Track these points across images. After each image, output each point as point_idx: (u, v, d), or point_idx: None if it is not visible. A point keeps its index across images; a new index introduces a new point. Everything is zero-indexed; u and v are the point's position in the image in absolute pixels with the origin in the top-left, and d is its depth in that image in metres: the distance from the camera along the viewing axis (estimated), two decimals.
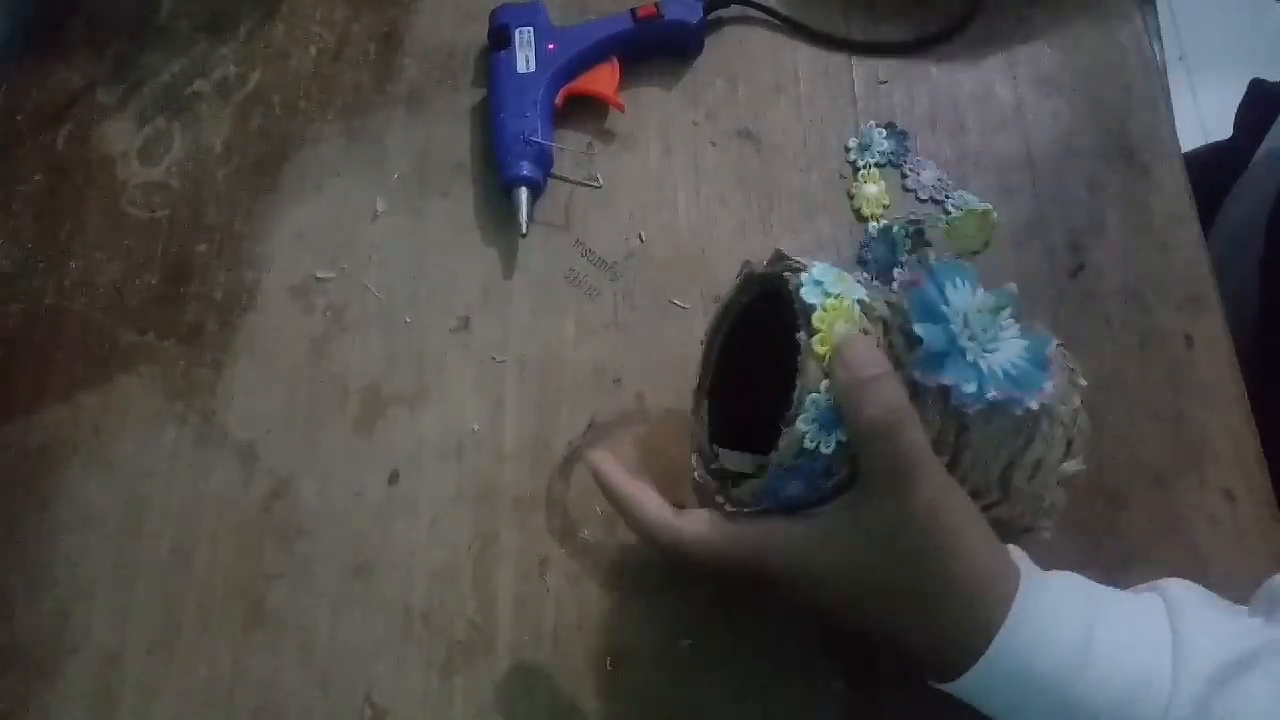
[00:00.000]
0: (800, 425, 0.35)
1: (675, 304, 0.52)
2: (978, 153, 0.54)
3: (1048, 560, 0.44)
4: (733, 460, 0.41)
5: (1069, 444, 0.39)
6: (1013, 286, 0.38)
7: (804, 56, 0.58)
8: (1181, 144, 0.54)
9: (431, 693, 0.45)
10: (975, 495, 0.37)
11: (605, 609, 0.46)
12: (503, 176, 0.54)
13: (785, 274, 0.37)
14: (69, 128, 0.60)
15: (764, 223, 0.54)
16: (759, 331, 0.40)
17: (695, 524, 0.37)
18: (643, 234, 0.54)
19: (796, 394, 0.35)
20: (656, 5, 0.56)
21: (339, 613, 0.47)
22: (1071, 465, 0.39)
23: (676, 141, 0.56)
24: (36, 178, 0.59)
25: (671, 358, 0.50)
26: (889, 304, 0.38)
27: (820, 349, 0.35)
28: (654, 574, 0.46)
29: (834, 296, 0.36)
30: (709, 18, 0.58)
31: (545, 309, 0.53)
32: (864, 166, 0.54)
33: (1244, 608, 0.39)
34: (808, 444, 0.35)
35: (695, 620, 0.45)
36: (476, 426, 0.50)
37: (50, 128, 0.60)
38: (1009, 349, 0.36)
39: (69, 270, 0.56)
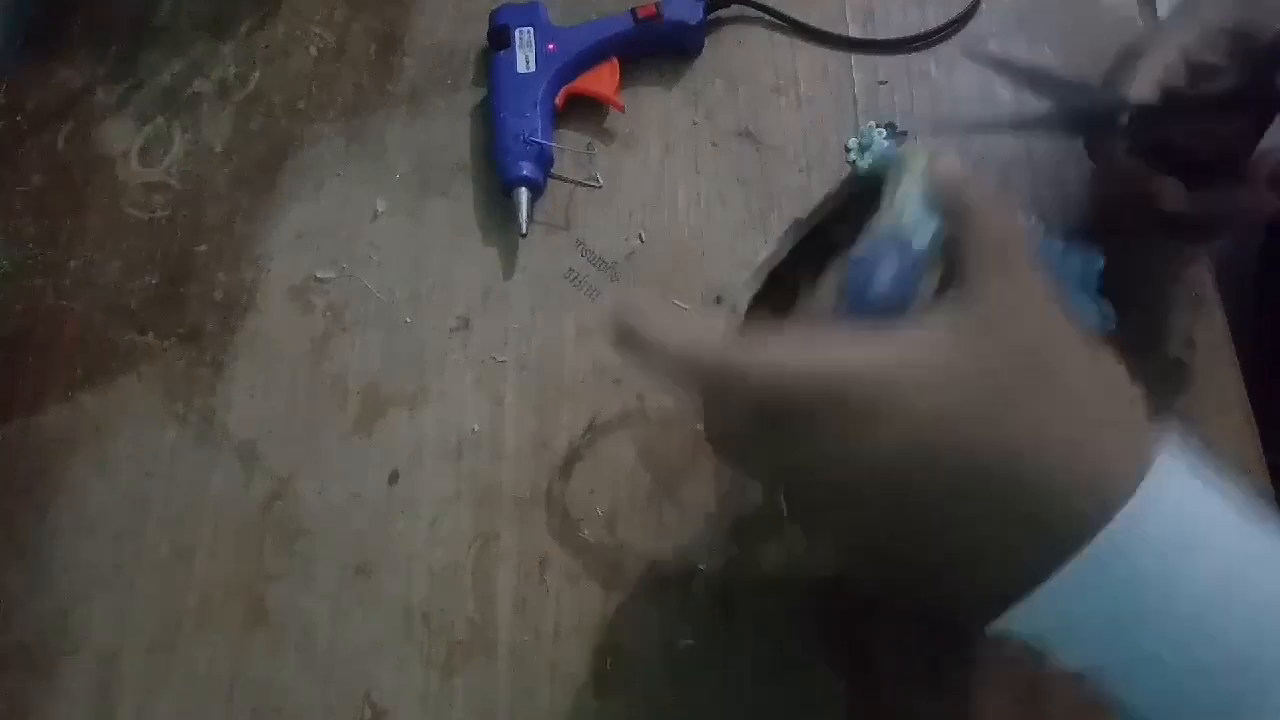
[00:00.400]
0: (897, 197, 0.31)
1: (675, 304, 0.52)
2: (978, 153, 0.54)
3: None
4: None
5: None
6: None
7: (804, 56, 0.58)
8: None
9: (431, 693, 0.45)
10: None
11: (605, 609, 0.46)
12: (503, 176, 0.54)
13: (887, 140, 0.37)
14: (69, 128, 0.60)
15: (764, 223, 0.54)
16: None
17: (770, 350, 0.28)
18: (643, 234, 0.54)
19: (884, 198, 0.31)
20: (656, 5, 0.56)
21: (339, 613, 0.47)
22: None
23: (676, 141, 0.56)
24: (36, 178, 0.59)
25: None
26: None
27: (917, 159, 0.32)
28: (654, 574, 0.46)
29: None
30: (709, 18, 0.58)
31: (545, 309, 0.53)
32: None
33: None
34: (904, 219, 0.30)
35: (695, 620, 0.45)
36: (476, 426, 0.50)
37: (50, 128, 0.60)
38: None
39: (69, 270, 0.56)
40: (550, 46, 0.56)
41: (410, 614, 0.47)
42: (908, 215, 0.30)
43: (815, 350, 0.28)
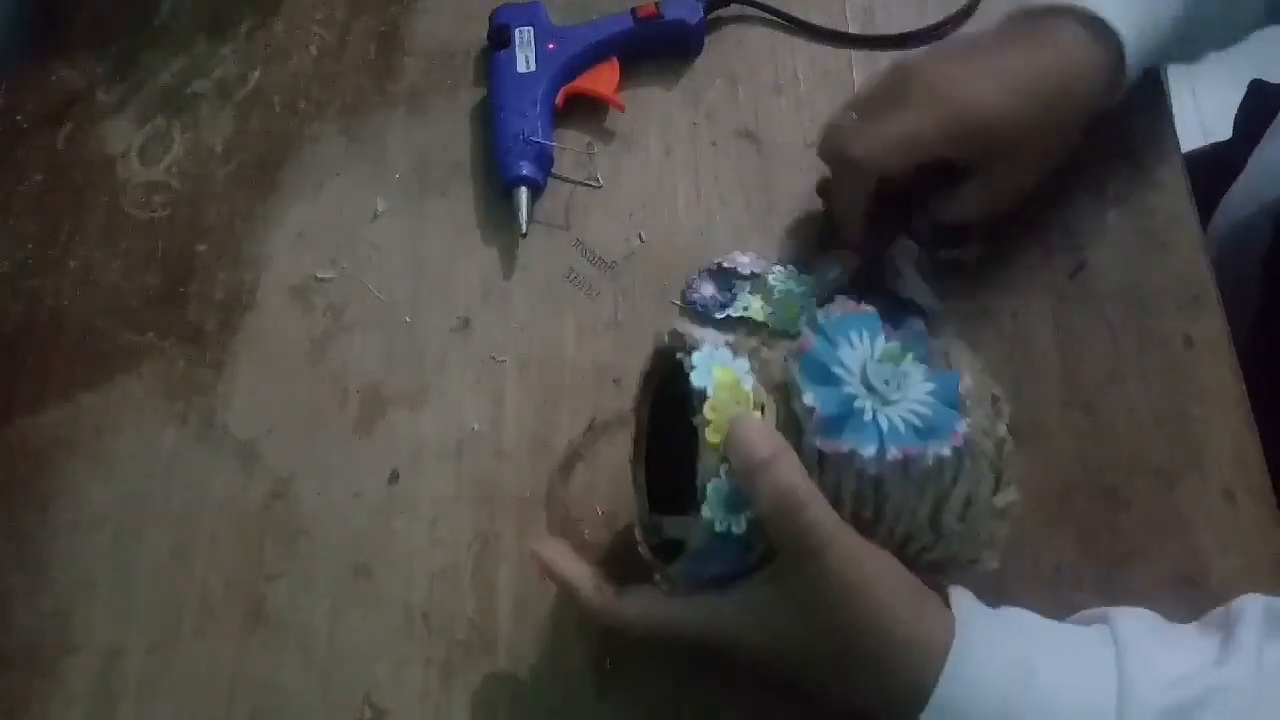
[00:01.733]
0: (706, 512, 0.34)
1: (675, 304, 0.52)
2: None
3: (1048, 561, 0.44)
4: (675, 526, 0.40)
5: (998, 476, 0.37)
6: (919, 324, 0.38)
7: (804, 56, 0.58)
8: (1181, 144, 0.54)
9: (431, 693, 0.45)
10: (907, 540, 0.37)
11: None
12: (503, 176, 0.54)
13: (678, 356, 0.37)
14: (69, 128, 0.60)
15: (764, 223, 0.54)
16: (681, 398, 0.39)
17: (635, 606, 0.39)
18: (643, 234, 0.54)
19: (698, 481, 0.35)
20: (656, 5, 0.56)
21: (339, 613, 0.47)
22: (1004, 496, 0.37)
23: (676, 141, 0.56)
24: (36, 178, 0.59)
25: None
26: (789, 365, 0.37)
27: (714, 438, 0.35)
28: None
29: (727, 380, 0.35)
30: (709, 17, 0.58)
31: (545, 309, 0.53)
32: None
33: (1193, 630, 0.39)
34: (718, 528, 0.35)
35: None
36: (476, 426, 0.50)
37: (50, 128, 0.60)
38: (913, 395, 0.36)
39: (69, 270, 0.56)
40: (550, 46, 0.56)
41: (410, 614, 0.47)
42: (722, 509, 0.34)
43: (675, 610, 0.38)
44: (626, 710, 0.44)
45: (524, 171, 0.53)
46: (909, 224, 0.49)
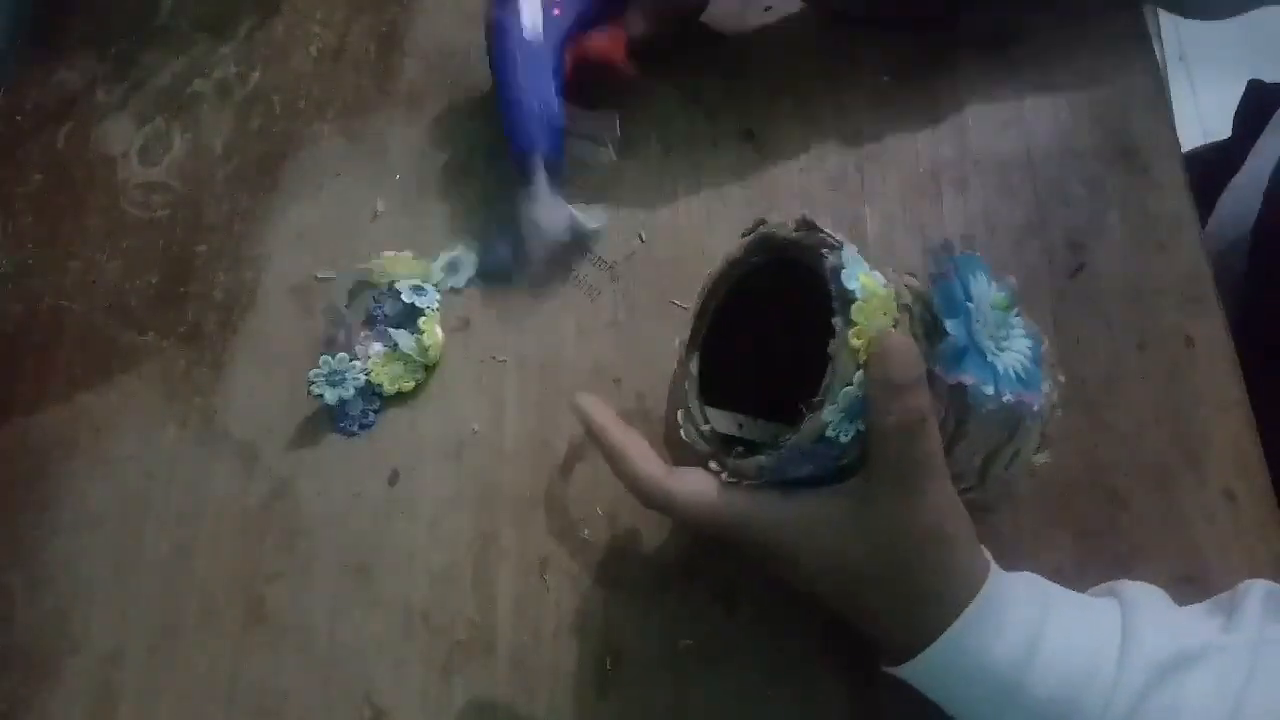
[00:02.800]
0: (826, 414, 0.34)
1: (675, 304, 0.52)
2: (978, 153, 0.54)
3: (1048, 561, 0.44)
4: (720, 422, 0.41)
5: (1044, 436, 0.40)
6: (1012, 280, 0.38)
7: (804, 56, 0.58)
8: (1181, 144, 0.54)
9: (431, 693, 0.45)
10: (958, 479, 0.38)
11: (605, 609, 0.46)
12: (515, 146, 0.51)
13: (822, 251, 0.36)
14: (69, 128, 0.60)
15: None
16: (760, 294, 0.39)
17: (687, 486, 0.38)
18: (643, 234, 0.54)
19: (826, 381, 0.35)
20: None
21: (339, 613, 0.47)
22: (1040, 456, 0.40)
23: (676, 141, 0.56)
24: (36, 178, 0.59)
25: (672, 357, 0.50)
26: (910, 290, 0.37)
27: (856, 342, 0.34)
28: (654, 574, 0.46)
29: (872, 287, 0.35)
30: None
31: (545, 309, 0.53)
32: None
33: (1199, 606, 0.40)
34: (829, 433, 0.35)
35: (695, 620, 0.45)
36: (476, 426, 0.50)
37: (50, 128, 0.60)
38: (1017, 348, 0.37)
39: (69, 270, 0.56)
40: (555, 11, 0.53)
41: (410, 614, 0.47)
42: (841, 415, 0.35)
43: (730, 500, 0.37)
44: (626, 710, 0.44)
45: (538, 140, 0.51)
46: None
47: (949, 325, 0.35)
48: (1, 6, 0.64)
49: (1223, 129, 0.76)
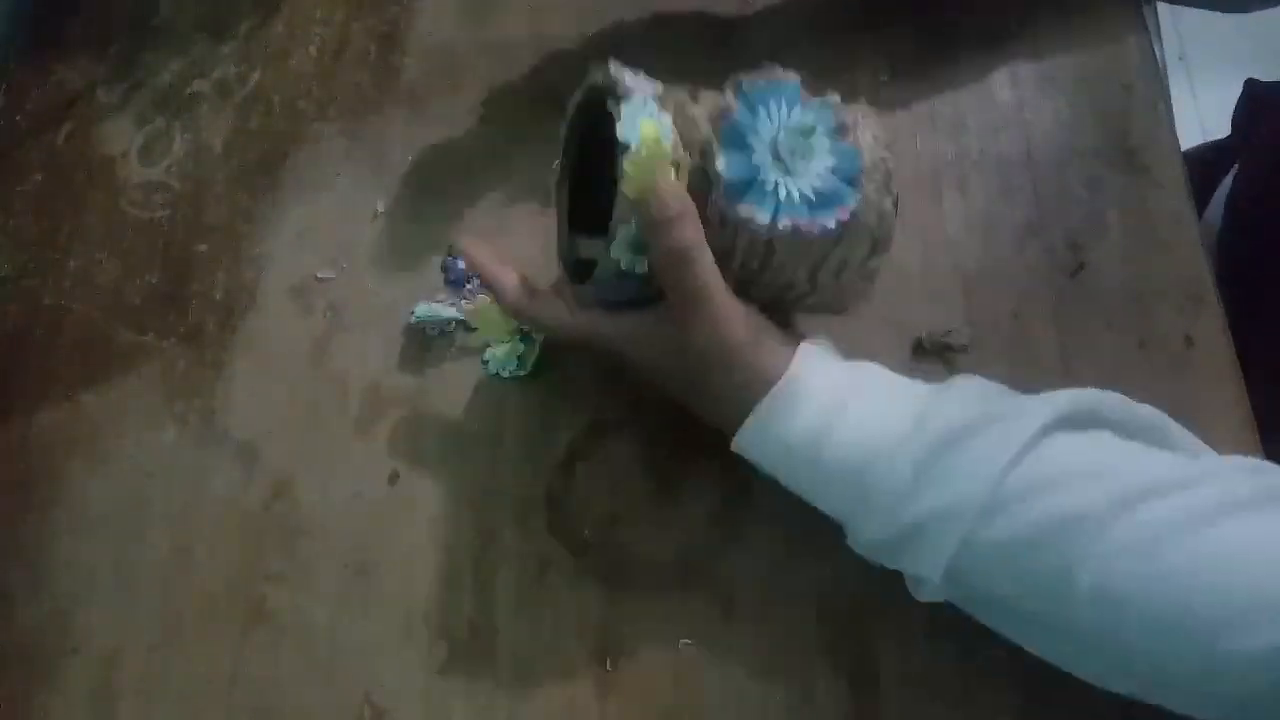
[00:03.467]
0: (613, 252, 0.39)
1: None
2: (978, 153, 0.54)
3: None
4: (589, 247, 0.45)
5: (875, 242, 0.41)
6: (832, 98, 0.40)
7: (804, 56, 0.58)
8: (1181, 144, 0.54)
9: (431, 693, 0.45)
10: (788, 289, 0.42)
11: (605, 609, 0.46)
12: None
13: (614, 98, 0.39)
14: (69, 128, 0.60)
15: None
16: (608, 133, 0.41)
17: (544, 309, 0.44)
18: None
19: (611, 223, 0.39)
20: None
21: (339, 613, 0.47)
22: (874, 261, 0.42)
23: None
24: (36, 178, 0.59)
25: None
26: (711, 127, 0.40)
27: (629, 189, 0.38)
28: (654, 574, 0.46)
29: (654, 136, 0.38)
30: None
31: None
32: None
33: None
34: (623, 267, 0.40)
35: (695, 620, 0.45)
36: (476, 426, 0.50)
37: (50, 128, 0.60)
38: (814, 168, 0.39)
39: (69, 270, 0.56)
40: None
41: (410, 614, 0.47)
42: (628, 251, 0.40)
43: (576, 319, 0.44)
44: (626, 710, 0.44)
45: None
46: None
47: (720, 162, 0.39)
48: (1, 6, 0.64)
49: (1222, 129, 0.76)
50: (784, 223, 0.39)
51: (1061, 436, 0.37)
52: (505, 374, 0.51)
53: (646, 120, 0.38)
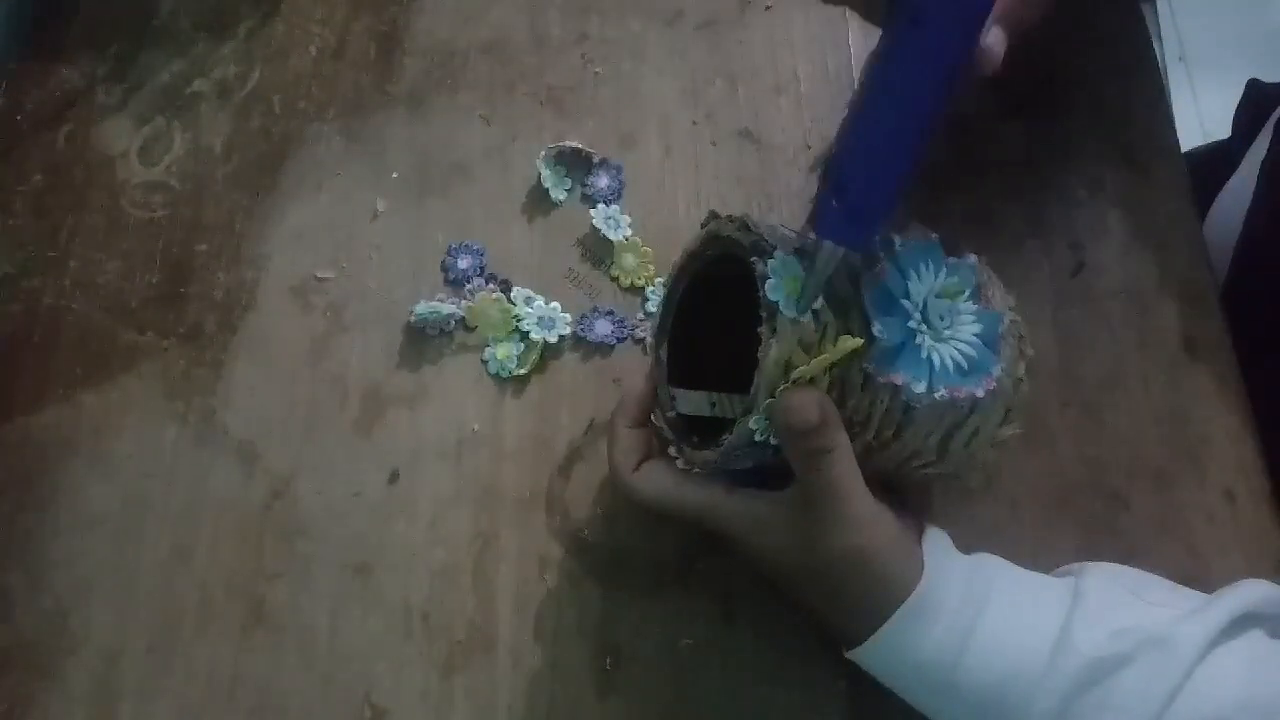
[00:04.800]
0: (751, 422, 0.36)
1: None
2: (978, 153, 0.54)
3: (1048, 561, 0.44)
4: (689, 401, 0.42)
5: (1007, 411, 0.40)
6: (972, 258, 0.38)
7: (804, 56, 0.58)
8: (1181, 144, 0.54)
9: (431, 693, 0.45)
10: (915, 455, 0.39)
11: (605, 609, 0.46)
12: (822, 218, 0.36)
13: (753, 259, 0.37)
14: (69, 128, 0.60)
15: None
16: (719, 281, 0.40)
17: (648, 481, 0.41)
18: (642, 234, 0.54)
19: (754, 388, 0.36)
20: None
21: (339, 613, 0.47)
22: (1007, 430, 0.40)
23: (676, 141, 0.56)
24: (36, 178, 0.59)
25: None
26: (853, 281, 0.38)
27: (773, 370, 0.36)
28: (654, 574, 0.46)
29: (795, 288, 0.36)
30: None
31: None
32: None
33: (1170, 585, 0.39)
34: (758, 437, 0.37)
35: (695, 620, 0.45)
36: (476, 426, 0.50)
37: (50, 128, 0.60)
38: (963, 334, 0.37)
39: (69, 270, 0.56)
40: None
41: (410, 614, 0.47)
42: (766, 422, 0.37)
43: (686, 493, 0.40)
44: (626, 710, 0.44)
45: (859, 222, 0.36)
46: None
47: (876, 328, 0.36)
48: (2, 6, 0.64)
49: (1223, 129, 0.76)
50: (941, 391, 0.36)
51: (1217, 661, 0.35)
52: (505, 374, 0.51)
53: (792, 279, 0.36)
